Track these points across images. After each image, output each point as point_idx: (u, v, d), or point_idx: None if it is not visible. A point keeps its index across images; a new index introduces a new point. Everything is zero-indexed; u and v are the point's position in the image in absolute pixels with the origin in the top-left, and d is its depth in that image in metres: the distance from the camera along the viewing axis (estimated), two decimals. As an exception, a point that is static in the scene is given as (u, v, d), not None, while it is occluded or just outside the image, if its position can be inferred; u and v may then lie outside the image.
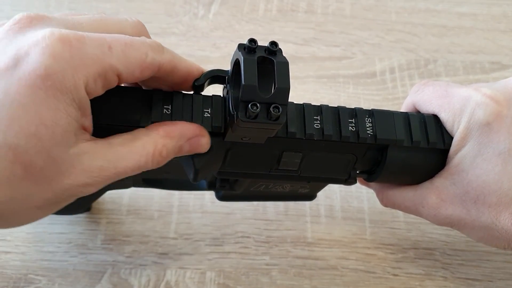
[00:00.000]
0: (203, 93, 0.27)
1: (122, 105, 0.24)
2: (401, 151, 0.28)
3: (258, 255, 0.37)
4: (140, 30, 0.25)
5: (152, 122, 0.25)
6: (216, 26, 0.49)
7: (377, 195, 0.34)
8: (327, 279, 0.36)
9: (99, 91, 0.22)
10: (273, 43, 0.24)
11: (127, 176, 0.24)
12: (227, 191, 0.33)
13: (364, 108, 0.28)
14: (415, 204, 0.30)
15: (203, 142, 0.26)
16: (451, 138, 0.28)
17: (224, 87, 0.27)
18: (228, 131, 0.25)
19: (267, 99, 0.23)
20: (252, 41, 0.23)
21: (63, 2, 0.49)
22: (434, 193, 0.29)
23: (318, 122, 0.27)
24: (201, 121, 0.25)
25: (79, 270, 0.35)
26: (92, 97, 0.22)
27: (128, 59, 0.22)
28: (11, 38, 0.21)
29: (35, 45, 0.20)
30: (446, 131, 0.29)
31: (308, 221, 0.39)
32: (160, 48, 0.24)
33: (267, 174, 0.29)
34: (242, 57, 0.23)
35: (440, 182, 0.29)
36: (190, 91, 0.27)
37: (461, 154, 0.28)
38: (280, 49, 0.24)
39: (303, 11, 0.51)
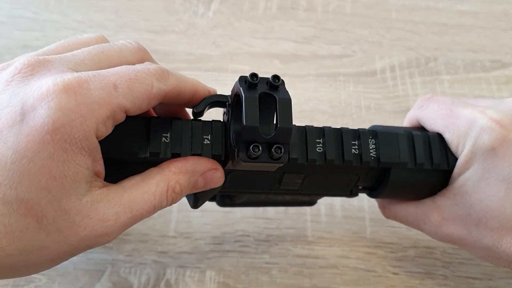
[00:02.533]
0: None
1: (118, 136, 0.23)
2: (405, 172, 0.28)
3: (258, 254, 0.37)
4: (142, 56, 0.25)
5: (151, 153, 0.24)
6: (216, 24, 0.49)
7: (379, 207, 0.34)
8: (327, 278, 0.36)
9: (109, 131, 0.22)
10: (276, 77, 0.23)
11: (143, 219, 0.23)
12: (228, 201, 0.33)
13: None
14: (417, 220, 0.30)
15: (218, 176, 0.25)
16: (455, 158, 0.28)
17: (224, 113, 0.26)
18: (228, 162, 0.25)
19: (269, 139, 0.22)
20: (254, 76, 0.23)
21: (62, 1, 0.49)
22: (436, 211, 0.29)
23: (321, 145, 0.26)
24: (201, 149, 0.25)
25: (79, 269, 0.35)
26: (102, 138, 0.22)
27: (135, 94, 0.22)
28: (15, 89, 0.21)
29: (40, 99, 0.20)
30: (451, 151, 0.29)
31: (308, 220, 0.38)
32: (165, 75, 0.24)
33: (268, 192, 0.29)
34: (243, 95, 0.22)
35: (442, 201, 0.29)
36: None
37: (465, 177, 0.28)
38: (282, 81, 0.23)
39: (303, 9, 0.51)
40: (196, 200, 0.28)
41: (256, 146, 0.22)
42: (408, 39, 0.49)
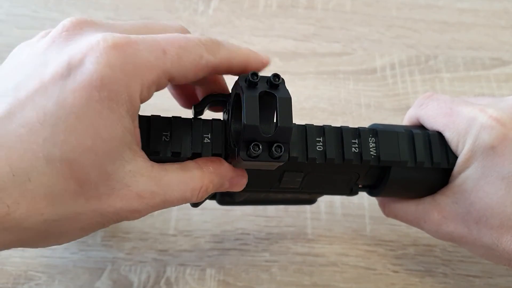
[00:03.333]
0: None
1: None
2: (405, 170, 0.28)
3: (258, 252, 0.37)
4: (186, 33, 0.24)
5: (151, 151, 0.24)
6: (216, 22, 0.49)
7: (380, 205, 0.34)
8: (327, 276, 0.36)
9: (150, 97, 0.21)
10: (276, 76, 0.23)
11: (170, 207, 0.23)
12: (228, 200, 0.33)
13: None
14: (417, 218, 0.30)
15: (242, 183, 0.26)
16: (455, 157, 0.28)
17: (224, 111, 0.26)
18: (228, 161, 0.25)
19: (269, 138, 0.22)
20: (254, 74, 0.23)
21: (62, -2, 0.49)
22: (436, 210, 0.29)
23: (321, 144, 0.26)
24: (201, 148, 0.24)
25: (79, 267, 0.35)
26: (142, 103, 0.21)
27: (183, 62, 0.21)
28: (61, 45, 0.20)
29: (89, 52, 0.19)
30: (451, 150, 0.29)
31: (308, 218, 0.38)
32: (216, 47, 0.23)
33: (268, 190, 0.29)
34: (243, 94, 0.22)
35: (442, 200, 0.29)
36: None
37: (465, 175, 0.28)
38: (283, 80, 0.23)
39: (303, 6, 0.51)
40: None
41: (256, 145, 0.22)
42: (408, 37, 0.49)
